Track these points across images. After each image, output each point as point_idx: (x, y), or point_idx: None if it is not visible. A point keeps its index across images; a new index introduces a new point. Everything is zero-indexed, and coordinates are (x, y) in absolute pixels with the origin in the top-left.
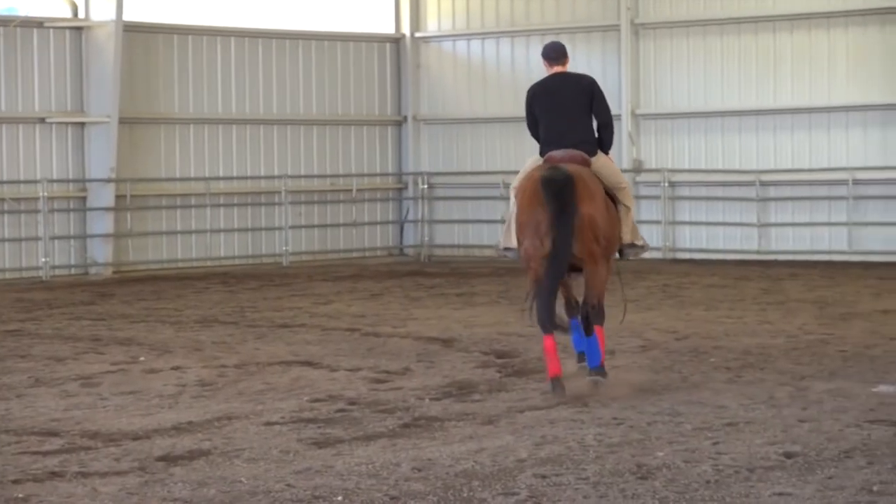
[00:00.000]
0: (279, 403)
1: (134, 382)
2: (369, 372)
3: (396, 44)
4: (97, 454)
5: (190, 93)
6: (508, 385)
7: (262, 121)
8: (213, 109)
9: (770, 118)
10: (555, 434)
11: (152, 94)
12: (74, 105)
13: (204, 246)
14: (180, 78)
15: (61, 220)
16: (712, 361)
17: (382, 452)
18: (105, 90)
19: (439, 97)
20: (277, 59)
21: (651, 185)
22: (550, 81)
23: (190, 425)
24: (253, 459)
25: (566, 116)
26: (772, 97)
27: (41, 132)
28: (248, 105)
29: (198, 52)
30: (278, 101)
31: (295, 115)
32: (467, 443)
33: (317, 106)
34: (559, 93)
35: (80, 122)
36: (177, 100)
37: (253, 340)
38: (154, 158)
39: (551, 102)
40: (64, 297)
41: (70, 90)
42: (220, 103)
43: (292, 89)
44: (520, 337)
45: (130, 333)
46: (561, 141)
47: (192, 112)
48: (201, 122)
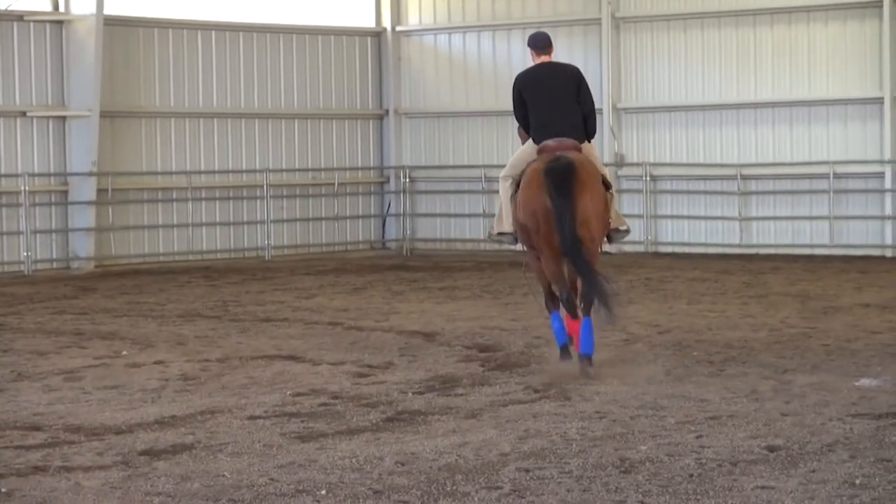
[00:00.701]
0: (262, 397)
1: (117, 377)
2: (352, 366)
3: (378, 37)
4: (80, 448)
5: (171, 86)
6: (491, 379)
7: (244, 115)
8: (193, 103)
9: (751, 112)
10: (538, 428)
11: (133, 87)
12: (55, 99)
13: (186, 240)
14: (161, 72)
15: (43, 214)
16: (695, 355)
17: (366, 446)
18: (86, 84)
19: (421, 91)
20: (258, 52)
21: (633, 179)
22: (539, 70)
23: (173, 419)
24: (236, 454)
25: (556, 104)
26: (753, 91)
27: (22, 126)
28: (229, 99)
29: (178, 46)
30: (259, 94)
31: (276, 109)
32: (450, 437)
33: (298, 100)
34: (548, 81)
35: (61, 115)
36: (157, 93)
37: (236, 334)
38: (135, 152)
39: (541, 90)
40: (46, 292)
41: (51, 84)
42: (201, 97)
43: (273, 83)
44: (502, 331)
45: (113, 328)
46: (553, 128)
47: (173, 106)
48: (182, 115)
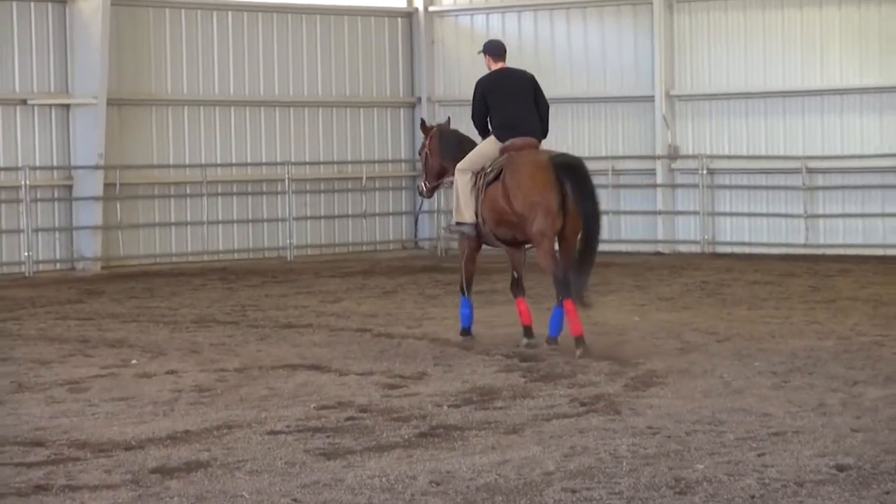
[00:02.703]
0: (284, 411)
1: (125, 388)
2: (382, 376)
3: (409, 18)
4: (86, 466)
5: (184, 72)
6: (534, 391)
7: (264, 102)
8: (209, 90)
9: (817, 99)
10: (585, 444)
11: (143, 73)
12: (58, 85)
13: (200, 239)
14: (173, 55)
15: (45, 211)
16: (756, 365)
17: (397, 464)
18: (91, 69)
19: (456, 76)
20: (279, 35)
21: (688, 173)
22: (499, 76)
23: (187, 434)
24: (255, 472)
25: (519, 107)
26: (819, 76)
27: (22, 115)
28: (247, 85)
29: (192, 28)
30: (280, 81)
31: (299, 97)
32: (489, 454)
33: (323, 86)
34: (509, 86)
35: (64, 103)
36: (169, 79)
37: (255, 342)
38: (145, 143)
39: (504, 94)
40: (48, 295)
41: (53, 69)
42: (217, 83)
43: (295, 68)
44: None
45: (121, 334)
46: (518, 128)
47: (186, 93)
48: (197, 103)
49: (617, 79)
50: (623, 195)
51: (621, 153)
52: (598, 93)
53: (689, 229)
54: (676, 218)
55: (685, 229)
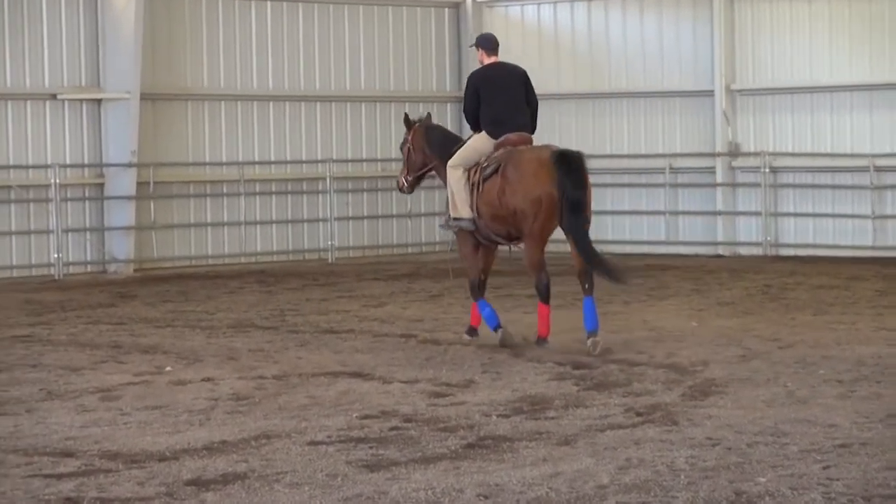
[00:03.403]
0: (325, 420)
1: (159, 396)
2: (428, 384)
3: (456, 9)
4: (118, 477)
5: (221, 65)
6: (587, 400)
7: (304, 97)
8: (247, 84)
9: (885, 94)
10: (640, 456)
11: (178, 66)
12: (90, 80)
13: (238, 240)
14: (210, 48)
15: (75, 211)
16: (821, 374)
17: (444, 477)
18: (124, 62)
19: None
20: (320, 26)
21: (749, 172)
22: (492, 70)
23: (223, 445)
24: (295, 484)
25: (511, 102)
26: (888, 70)
27: (52, 111)
28: (287, 79)
29: (229, 19)
30: (322, 74)
31: (341, 91)
32: (540, 466)
33: (366, 80)
34: (502, 80)
35: (96, 98)
36: (206, 73)
37: (295, 348)
38: (180, 140)
39: (496, 88)
40: (79, 299)
41: (84, 62)
42: (256, 77)
43: (337, 61)
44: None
45: (155, 340)
46: (511, 123)
47: (223, 87)
48: (234, 98)
49: (675, 72)
50: (681, 195)
51: (679, 151)
52: (654, 87)
53: (750, 231)
54: (737, 219)
55: (746, 231)
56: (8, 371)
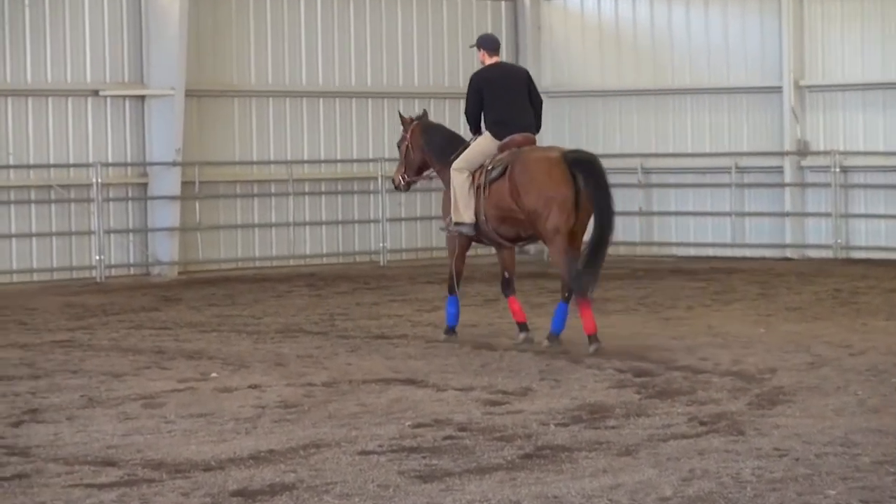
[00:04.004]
0: (376, 429)
1: (204, 403)
2: (483, 392)
3: (513, 2)
4: (161, 488)
5: (268, 60)
6: (649, 408)
7: (355, 94)
8: (295, 80)
9: None
10: (705, 467)
11: (224, 61)
12: (133, 75)
13: (286, 242)
14: (257, 43)
15: (118, 211)
16: (894, 382)
17: (499, 488)
18: (169, 57)
19: (565, 66)
20: (372, 20)
21: (819, 171)
22: (495, 71)
23: (271, 454)
24: (345, 495)
25: (515, 102)
26: None
27: (94, 107)
28: (337, 75)
29: (278, 13)
30: (373, 70)
31: (393, 88)
32: (600, 477)
33: (419, 76)
34: (505, 81)
35: (139, 95)
36: (253, 69)
37: (345, 354)
38: (227, 138)
39: (500, 89)
40: (121, 302)
41: (128, 57)
42: (305, 73)
43: (390, 56)
44: (663, 351)
45: (200, 345)
46: (516, 124)
47: (271, 83)
48: (282, 94)
49: (741, 68)
50: (747, 195)
51: (746, 149)
52: (720, 83)
53: (819, 232)
54: (806, 220)
55: (815, 232)
56: (48, 377)
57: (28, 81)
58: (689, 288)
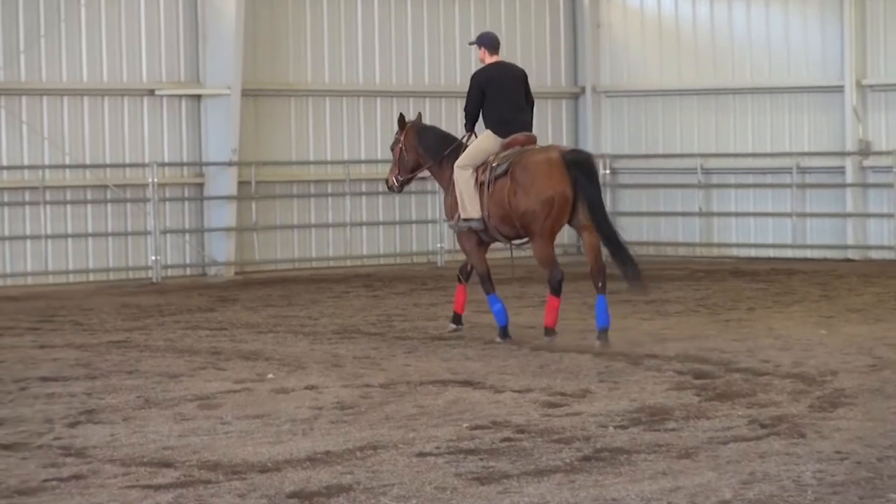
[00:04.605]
0: (433, 431)
1: (261, 404)
2: (541, 394)
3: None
4: (218, 489)
5: (325, 59)
6: (709, 411)
7: (412, 93)
8: (352, 79)
9: None
10: (765, 470)
11: (280, 60)
12: (189, 75)
13: (343, 242)
14: (314, 42)
15: (174, 211)
16: None
17: (558, 490)
18: (225, 56)
19: (624, 65)
20: (430, 18)
21: (881, 171)
22: (496, 69)
23: (327, 456)
24: (402, 497)
25: (515, 101)
26: None
27: (150, 107)
28: (394, 74)
29: (334, 12)
30: (431, 69)
31: (450, 87)
32: (660, 480)
33: None
34: (505, 80)
35: (195, 94)
36: (309, 68)
37: (402, 355)
38: (283, 137)
39: (500, 88)
40: (177, 303)
41: (184, 57)
42: (361, 72)
43: (447, 55)
44: (722, 353)
45: (256, 346)
46: (517, 123)
47: (327, 82)
48: (339, 94)
49: (802, 66)
50: (808, 196)
51: (807, 149)
52: (780, 82)
53: (881, 233)
54: (868, 221)
55: (877, 233)
56: (104, 378)
57: (84, 81)
58: (750, 289)
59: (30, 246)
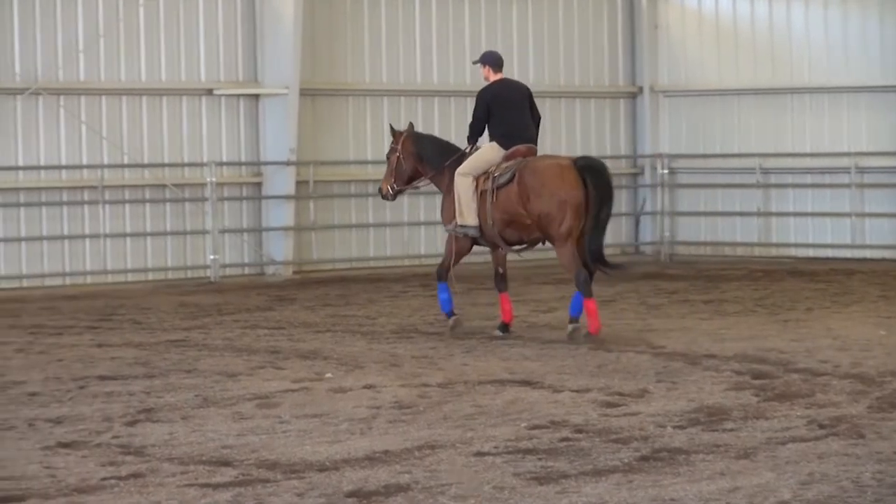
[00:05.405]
0: (492, 430)
1: (319, 403)
2: (599, 394)
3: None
4: (276, 488)
5: (383, 59)
6: (768, 411)
7: (469, 93)
8: (410, 79)
9: None
10: (824, 471)
11: (339, 60)
12: (247, 74)
13: (401, 241)
14: (372, 41)
15: (232, 211)
16: None
17: (616, 490)
18: (283, 56)
19: (682, 64)
20: (487, 18)
21: None
22: (502, 86)
23: (386, 455)
24: (461, 497)
25: (520, 116)
26: None
27: (208, 106)
28: (452, 74)
29: (392, 11)
30: None
31: None
32: (718, 480)
33: (534, 75)
34: (511, 95)
35: (253, 94)
36: (368, 67)
37: (460, 355)
38: (341, 137)
39: (506, 103)
40: (236, 302)
41: (242, 56)
42: (420, 72)
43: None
44: (781, 353)
45: (315, 345)
46: (522, 136)
47: (385, 82)
48: (397, 93)
49: (860, 66)
50: (867, 196)
51: (865, 149)
52: (839, 82)
53: None
54: None
55: None
56: (163, 376)
57: (143, 80)
58: (808, 289)
59: (89, 245)
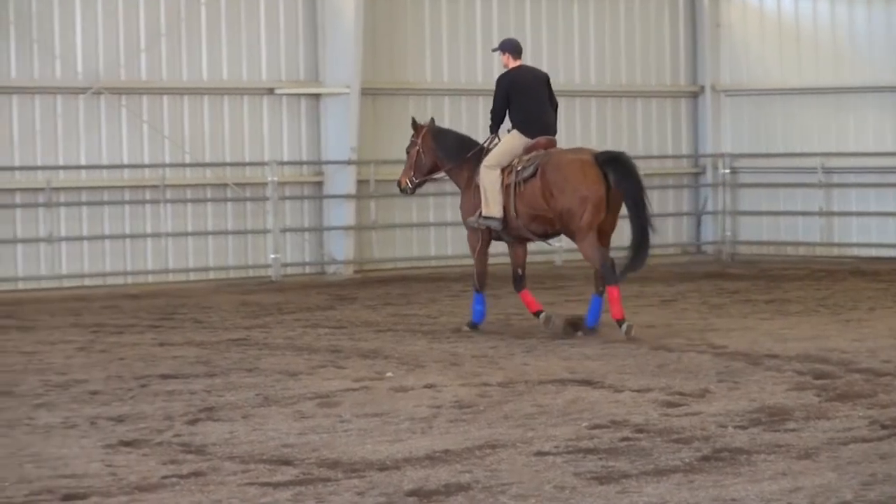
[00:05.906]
0: (552, 430)
1: (380, 402)
2: (660, 393)
3: None
4: (337, 487)
5: (444, 58)
6: (830, 411)
7: None
8: (471, 78)
9: None
10: (887, 472)
11: (400, 59)
12: (308, 73)
13: (462, 241)
14: (433, 41)
15: (293, 210)
16: None
17: (677, 490)
18: (344, 55)
19: (744, 63)
20: (548, 18)
21: None
22: (521, 74)
23: (446, 454)
24: (521, 496)
25: (541, 104)
26: None
27: (270, 106)
28: None
29: (454, 10)
30: (549, 68)
31: (569, 86)
32: (779, 480)
33: (595, 74)
34: (530, 82)
35: (314, 93)
36: (429, 67)
37: (521, 354)
38: (402, 137)
39: (527, 91)
40: (297, 301)
41: (303, 56)
42: (481, 71)
43: (566, 55)
44: (843, 353)
45: (375, 344)
46: (542, 125)
47: (446, 81)
48: (458, 93)
49: None
50: None
51: None
52: None
53: None
54: None
55: None
56: (224, 375)
57: (204, 79)
58: (871, 289)
59: (150, 244)
